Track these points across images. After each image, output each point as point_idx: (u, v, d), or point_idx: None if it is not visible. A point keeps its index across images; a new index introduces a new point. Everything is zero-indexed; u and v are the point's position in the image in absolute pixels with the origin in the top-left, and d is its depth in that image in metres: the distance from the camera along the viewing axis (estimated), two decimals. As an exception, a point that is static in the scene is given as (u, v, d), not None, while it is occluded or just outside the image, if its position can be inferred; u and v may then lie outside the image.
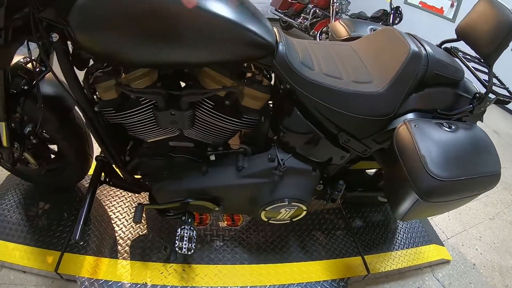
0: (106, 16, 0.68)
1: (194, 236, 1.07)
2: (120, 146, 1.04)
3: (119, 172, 1.12)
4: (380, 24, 1.39)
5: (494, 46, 0.90)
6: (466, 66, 0.98)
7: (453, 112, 0.97)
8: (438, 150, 0.83)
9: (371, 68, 0.97)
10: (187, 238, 1.05)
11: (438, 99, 0.97)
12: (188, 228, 1.07)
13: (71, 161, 1.22)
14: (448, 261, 1.42)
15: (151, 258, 1.16)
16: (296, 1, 3.77)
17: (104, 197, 1.38)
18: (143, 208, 1.08)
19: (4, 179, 1.41)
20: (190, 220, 1.08)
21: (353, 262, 1.29)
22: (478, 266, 1.43)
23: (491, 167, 0.89)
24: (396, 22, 3.00)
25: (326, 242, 1.34)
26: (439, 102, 0.97)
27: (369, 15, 3.26)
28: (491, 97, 0.95)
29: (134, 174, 1.11)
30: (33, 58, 0.94)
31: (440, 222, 1.62)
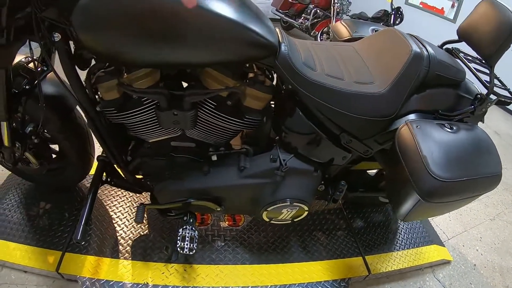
0: (108, 16, 0.68)
1: (195, 236, 1.07)
2: (121, 146, 1.04)
3: (121, 172, 1.12)
4: (381, 25, 1.39)
5: (496, 47, 0.90)
6: (467, 67, 0.98)
7: (454, 113, 0.97)
8: (440, 150, 0.83)
9: (373, 69, 0.97)
10: (188, 238, 1.05)
11: (439, 100, 0.97)
12: (190, 228, 1.07)
13: (72, 160, 1.22)
14: (448, 261, 1.42)
15: (152, 258, 1.17)
16: (297, 1, 3.76)
17: (105, 197, 1.38)
18: (145, 208, 1.08)
19: (5, 179, 1.40)
20: (191, 220, 1.08)
21: (354, 263, 1.29)
22: (479, 267, 1.43)
23: (492, 168, 0.90)
24: (397, 22, 3.00)
25: (327, 243, 1.34)
26: (440, 103, 0.97)
27: (370, 15, 3.26)
28: (492, 98, 0.95)
29: (136, 174, 1.11)
30: (34, 57, 0.94)
31: (440, 222, 1.62)
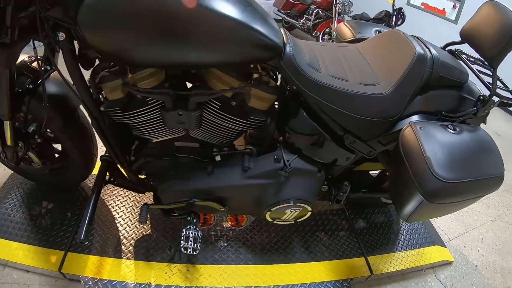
0: (114, 15, 0.68)
1: (199, 236, 1.07)
2: (125, 145, 1.04)
3: (124, 172, 1.12)
4: (383, 26, 1.39)
5: (498, 49, 0.90)
6: (470, 69, 0.99)
7: (457, 114, 0.97)
8: (443, 152, 0.83)
9: (377, 70, 0.97)
10: (192, 238, 1.05)
11: (442, 101, 0.97)
12: (193, 228, 1.07)
13: (75, 160, 1.22)
14: (450, 262, 1.42)
15: (155, 258, 1.16)
16: (299, 2, 3.76)
17: (108, 196, 1.38)
18: (148, 208, 1.08)
19: (7, 178, 1.40)
20: (195, 220, 1.08)
21: (356, 263, 1.29)
22: (480, 268, 1.44)
23: (495, 169, 0.90)
24: (398, 23, 3.00)
25: (330, 243, 1.34)
26: (443, 104, 0.97)
27: (371, 16, 3.26)
28: (495, 99, 0.96)
29: (139, 174, 1.11)
30: (38, 57, 0.94)
31: (442, 223, 1.62)
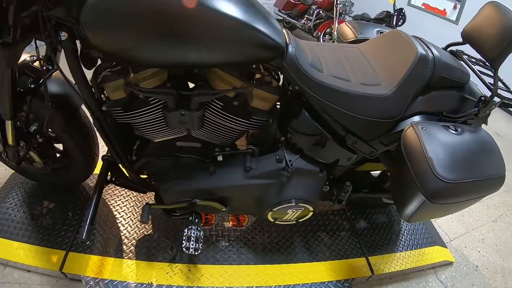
0: (117, 15, 0.68)
1: (201, 236, 1.07)
2: (126, 145, 1.04)
3: (125, 172, 1.12)
4: (384, 26, 1.40)
5: (500, 50, 0.90)
6: (471, 69, 0.99)
7: (458, 115, 0.97)
8: (445, 152, 0.83)
9: (379, 71, 0.97)
10: (194, 238, 1.05)
11: (444, 102, 0.97)
12: (195, 228, 1.07)
13: (77, 160, 1.22)
14: (451, 262, 1.43)
15: (156, 258, 1.16)
16: (300, 2, 3.77)
17: (109, 196, 1.38)
18: (150, 208, 1.08)
19: (8, 178, 1.40)
20: (197, 220, 1.08)
21: (357, 263, 1.29)
22: (481, 268, 1.44)
23: (496, 170, 0.90)
24: (399, 23, 3.01)
25: (331, 243, 1.34)
26: (445, 104, 0.98)
27: (372, 16, 3.27)
28: (496, 100, 0.96)
29: (141, 174, 1.10)
30: (40, 56, 0.94)
31: (443, 224, 1.62)
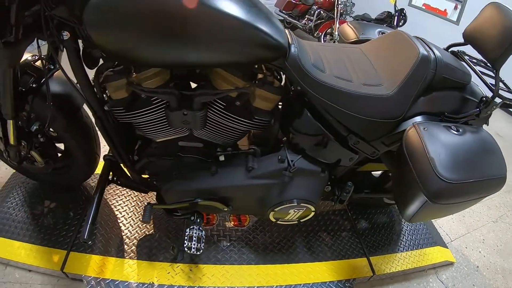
0: (120, 15, 0.68)
1: (202, 236, 1.07)
2: (128, 145, 1.04)
3: (127, 172, 1.12)
4: (385, 26, 1.40)
5: (501, 51, 0.90)
6: (473, 70, 0.99)
7: (460, 116, 0.98)
8: (447, 152, 0.84)
9: (381, 71, 0.97)
10: (196, 238, 1.05)
11: (445, 103, 0.98)
12: (197, 228, 1.07)
13: (78, 159, 1.22)
14: (451, 263, 1.43)
15: (158, 257, 1.16)
16: (301, 2, 3.77)
17: (110, 196, 1.37)
18: (152, 208, 1.08)
19: (9, 177, 1.40)
20: (198, 220, 1.08)
21: (358, 263, 1.29)
22: (481, 269, 1.44)
23: (497, 170, 0.90)
24: (400, 24, 3.01)
25: (332, 243, 1.34)
26: (446, 105, 0.98)
27: (373, 17, 3.27)
28: (497, 101, 0.96)
29: (142, 173, 1.11)
30: (42, 55, 0.94)
31: (444, 224, 1.63)
